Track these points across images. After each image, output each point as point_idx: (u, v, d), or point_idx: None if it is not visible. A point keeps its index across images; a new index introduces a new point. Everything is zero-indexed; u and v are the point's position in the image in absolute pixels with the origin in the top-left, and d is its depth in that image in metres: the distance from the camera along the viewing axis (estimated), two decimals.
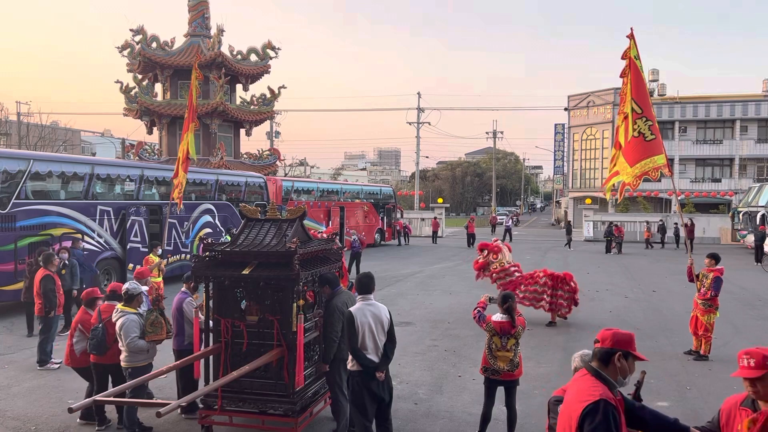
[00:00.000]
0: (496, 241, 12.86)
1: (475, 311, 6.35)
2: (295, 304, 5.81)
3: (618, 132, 9.25)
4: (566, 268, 13.11)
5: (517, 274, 12.17)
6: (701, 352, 9.38)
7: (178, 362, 6.04)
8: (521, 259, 22.49)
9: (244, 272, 5.80)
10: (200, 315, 6.40)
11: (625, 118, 8.85)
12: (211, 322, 6.11)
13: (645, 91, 8.90)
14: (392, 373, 8.35)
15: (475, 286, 15.36)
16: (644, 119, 8.69)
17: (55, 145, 41.42)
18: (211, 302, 6.07)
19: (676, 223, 33.61)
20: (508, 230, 34.93)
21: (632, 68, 8.82)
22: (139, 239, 15.57)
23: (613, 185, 9.38)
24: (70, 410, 4.50)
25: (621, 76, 9.03)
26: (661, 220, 34.54)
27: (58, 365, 8.81)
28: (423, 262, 24.21)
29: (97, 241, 14.56)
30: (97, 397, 4.65)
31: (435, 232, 35.95)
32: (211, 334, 6.14)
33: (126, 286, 6.74)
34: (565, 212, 42.33)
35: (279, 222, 6.33)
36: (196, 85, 11.64)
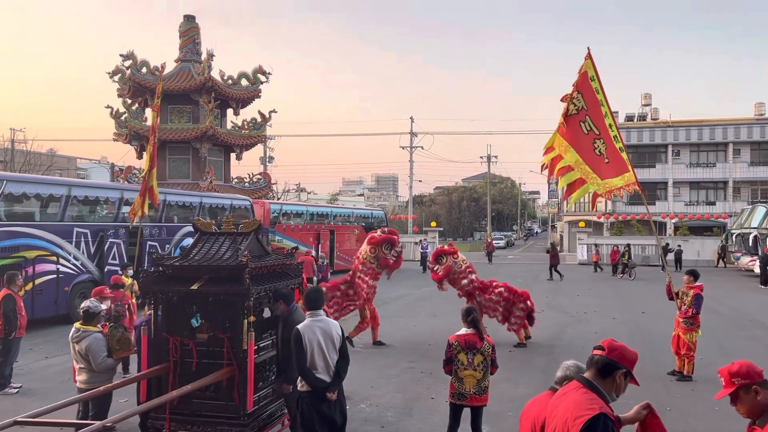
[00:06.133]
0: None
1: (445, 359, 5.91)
2: (246, 321, 5.55)
3: (576, 128, 8.67)
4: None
5: (472, 275, 11.95)
6: (684, 372, 9.08)
7: (120, 381, 5.76)
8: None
9: (192, 287, 5.56)
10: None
11: (582, 121, 8.58)
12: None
13: (600, 112, 8.64)
14: (362, 396, 8.10)
15: (459, 308, 15.01)
16: (601, 140, 8.55)
17: (41, 169, 41.29)
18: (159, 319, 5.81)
19: (679, 245, 33.53)
20: (424, 256, 30.20)
21: (586, 88, 8.58)
22: (117, 262, 15.27)
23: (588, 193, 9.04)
24: None
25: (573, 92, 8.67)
26: (667, 243, 33.86)
27: (17, 390, 8.50)
28: (412, 285, 23.87)
29: (74, 264, 14.27)
30: (18, 418, 4.34)
31: (423, 255, 36.08)
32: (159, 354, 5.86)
33: (86, 304, 6.54)
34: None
35: (234, 235, 6.10)
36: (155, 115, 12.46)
